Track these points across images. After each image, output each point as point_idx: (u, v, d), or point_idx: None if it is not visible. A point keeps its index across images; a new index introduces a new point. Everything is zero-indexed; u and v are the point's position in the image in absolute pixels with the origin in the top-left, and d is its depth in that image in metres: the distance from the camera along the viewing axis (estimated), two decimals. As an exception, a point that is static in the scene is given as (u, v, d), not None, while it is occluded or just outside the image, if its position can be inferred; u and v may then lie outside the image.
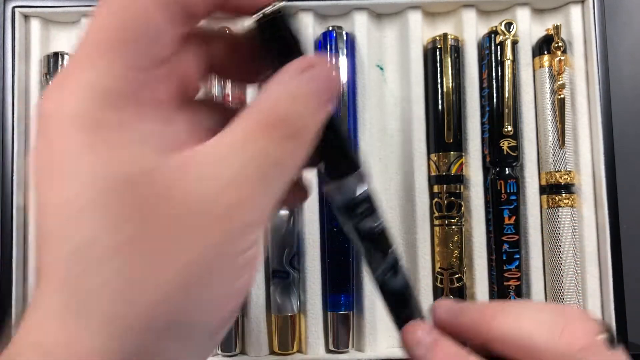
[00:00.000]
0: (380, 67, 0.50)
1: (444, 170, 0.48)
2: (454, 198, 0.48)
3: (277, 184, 0.21)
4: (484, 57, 0.49)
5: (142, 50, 0.19)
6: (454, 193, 0.48)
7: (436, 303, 0.27)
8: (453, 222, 0.48)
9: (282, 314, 0.47)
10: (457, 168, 0.48)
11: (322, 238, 0.47)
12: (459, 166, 0.48)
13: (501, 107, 0.47)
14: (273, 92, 0.22)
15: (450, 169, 0.48)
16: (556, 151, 0.47)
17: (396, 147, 0.50)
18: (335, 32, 0.48)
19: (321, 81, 0.23)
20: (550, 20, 0.50)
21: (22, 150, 0.48)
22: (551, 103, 0.48)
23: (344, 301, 0.47)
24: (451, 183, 0.48)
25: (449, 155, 0.47)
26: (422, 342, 0.26)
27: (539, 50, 0.49)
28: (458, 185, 0.48)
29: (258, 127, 0.21)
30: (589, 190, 0.48)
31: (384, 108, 0.50)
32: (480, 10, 0.50)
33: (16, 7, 0.48)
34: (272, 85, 0.22)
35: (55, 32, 0.51)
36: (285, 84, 0.22)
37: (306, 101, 0.22)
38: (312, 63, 0.22)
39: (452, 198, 0.48)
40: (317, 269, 0.47)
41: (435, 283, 0.48)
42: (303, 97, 0.22)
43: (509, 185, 0.47)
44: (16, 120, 0.47)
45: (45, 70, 0.48)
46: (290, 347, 0.47)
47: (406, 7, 0.49)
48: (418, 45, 0.49)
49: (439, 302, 0.27)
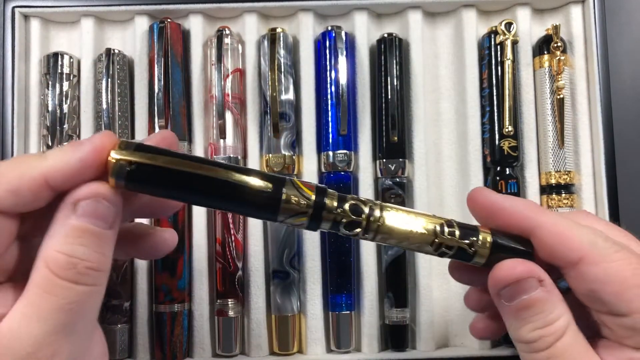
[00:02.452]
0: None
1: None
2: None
3: (84, 322, 0.24)
4: (484, 57, 0.49)
5: None
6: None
7: (475, 190, 0.29)
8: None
9: (282, 314, 0.47)
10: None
11: (322, 238, 0.47)
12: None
13: (501, 107, 0.47)
14: (52, 237, 0.24)
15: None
16: (556, 151, 0.47)
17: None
18: (334, 32, 0.48)
19: (92, 212, 0.24)
20: (550, 20, 0.50)
21: (22, 150, 0.48)
22: (551, 103, 0.48)
23: (344, 301, 0.47)
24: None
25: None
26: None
27: (539, 50, 0.49)
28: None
29: (43, 283, 0.23)
30: (589, 191, 0.48)
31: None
32: (480, 10, 0.50)
33: (16, 7, 0.48)
34: (52, 227, 0.24)
35: (55, 32, 0.51)
36: (60, 225, 0.24)
37: (82, 238, 0.24)
38: (78, 196, 0.24)
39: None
40: (317, 269, 0.47)
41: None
42: (83, 234, 0.24)
43: (509, 185, 0.47)
44: (16, 120, 0.47)
45: (45, 70, 0.48)
46: (290, 347, 0.47)
47: (406, 7, 0.49)
48: (419, 45, 0.49)
49: (479, 189, 0.29)
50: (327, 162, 0.47)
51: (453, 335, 0.48)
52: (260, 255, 0.47)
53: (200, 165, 0.25)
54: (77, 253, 0.24)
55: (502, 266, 0.27)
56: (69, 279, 0.23)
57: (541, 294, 0.26)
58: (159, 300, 0.46)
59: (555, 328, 0.26)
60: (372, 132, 0.49)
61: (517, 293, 0.26)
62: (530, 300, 0.26)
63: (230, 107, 0.47)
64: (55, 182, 0.23)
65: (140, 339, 0.46)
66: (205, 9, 0.49)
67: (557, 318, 0.26)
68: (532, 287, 0.26)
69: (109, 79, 0.47)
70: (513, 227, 0.28)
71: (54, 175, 0.23)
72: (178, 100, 0.47)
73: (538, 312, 0.26)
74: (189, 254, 0.47)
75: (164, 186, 0.25)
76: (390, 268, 0.47)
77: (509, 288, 0.27)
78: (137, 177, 0.24)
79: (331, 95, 0.48)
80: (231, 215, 0.46)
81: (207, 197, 0.26)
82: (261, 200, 0.26)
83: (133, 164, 0.24)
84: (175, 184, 0.25)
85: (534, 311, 0.26)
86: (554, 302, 0.26)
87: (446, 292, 0.49)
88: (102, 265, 0.24)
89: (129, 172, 0.24)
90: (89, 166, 0.24)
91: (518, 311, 0.27)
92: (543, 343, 0.26)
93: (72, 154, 0.24)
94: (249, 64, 0.49)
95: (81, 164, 0.23)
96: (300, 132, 0.48)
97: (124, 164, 0.24)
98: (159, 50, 0.47)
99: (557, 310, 0.26)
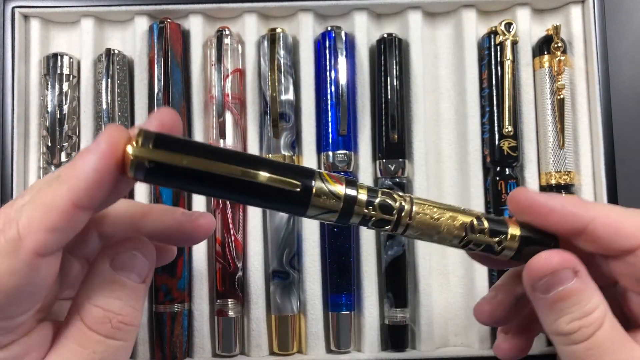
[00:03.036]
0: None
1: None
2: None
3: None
4: (483, 57, 0.49)
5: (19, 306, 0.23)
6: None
7: (517, 192, 0.28)
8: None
9: (282, 315, 0.47)
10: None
11: (322, 238, 0.47)
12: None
13: (501, 107, 0.47)
14: (87, 289, 0.24)
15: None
16: (556, 151, 0.47)
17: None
18: (334, 32, 0.48)
19: (128, 266, 0.24)
20: (550, 20, 0.50)
21: (22, 150, 0.48)
22: (551, 103, 0.48)
23: (344, 301, 0.47)
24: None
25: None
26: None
27: (539, 50, 0.49)
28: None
29: (76, 337, 0.23)
30: (589, 191, 0.48)
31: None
32: (480, 10, 0.50)
33: (16, 7, 0.48)
34: (87, 278, 0.24)
35: (55, 32, 0.51)
36: (96, 276, 0.24)
37: (121, 291, 0.24)
38: (116, 250, 0.24)
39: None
40: (317, 269, 0.47)
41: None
42: (118, 288, 0.24)
43: (509, 185, 0.47)
44: (16, 121, 0.47)
45: (44, 70, 0.48)
46: (290, 347, 0.47)
47: (406, 7, 0.49)
48: (419, 45, 0.49)
49: (520, 190, 0.28)
50: (327, 162, 0.47)
51: (453, 335, 0.48)
52: (260, 256, 0.47)
53: (223, 164, 0.24)
54: (112, 307, 0.24)
55: (539, 258, 0.27)
56: (103, 334, 0.23)
57: (577, 284, 0.26)
58: (159, 300, 0.46)
59: (593, 318, 0.26)
60: (372, 132, 0.49)
61: (554, 284, 0.26)
62: (567, 291, 0.26)
63: (230, 108, 0.47)
64: (82, 202, 0.22)
65: (140, 339, 0.46)
66: (205, 9, 0.49)
67: (594, 308, 0.26)
68: (569, 278, 0.26)
69: (108, 79, 0.47)
70: (564, 226, 0.27)
71: (79, 196, 0.22)
72: (178, 101, 0.47)
73: (575, 302, 0.26)
74: (189, 254, 0.47)
75: (183, 182, 0.24)
76: (390, 268, 0.47)
77: (545, 280, 0.26)
78: (156, 173, 0.23)
79: (331, 96, 0.48)
80: (231, 215, 0.46)
81: (229, 194, 0.25)
82: (291, 199, 0.25)
83: (152, 162, 0.23)
84: (197, 182, 0.24)
85: (571, 302, 0.26)
86: (590, 293, 0.26)
87: (446, 292, 0.49)
88: (134, 320, 0.24)
89: (148, 170, 0.23)
90: (107, 172, 0.22)
91: (555, 303, 0.26)
92: (582, 334, 0.26)
93: (86, 167, 0.22)
94: (248, 64, 0.49)
95: (98, 174, 0.22)
96: (300, 132, 0.48)
97: (142, 162, 0.23)
98: (158, 51, 0.47)
99: (594, 300, 0.26)
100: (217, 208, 0.47)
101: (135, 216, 0.28)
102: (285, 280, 0.47)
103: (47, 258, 0.22)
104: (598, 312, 0.26)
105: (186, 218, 0.28)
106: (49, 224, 0.21)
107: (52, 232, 0.22)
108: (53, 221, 0.22)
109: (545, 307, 0.27)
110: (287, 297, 0.47)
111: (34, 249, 0.21)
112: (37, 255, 0.22)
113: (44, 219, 0.21)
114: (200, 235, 0.29)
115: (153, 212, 0.28)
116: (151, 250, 0.26)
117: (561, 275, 0.26)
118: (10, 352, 0.23)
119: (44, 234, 0.21)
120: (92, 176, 0.22)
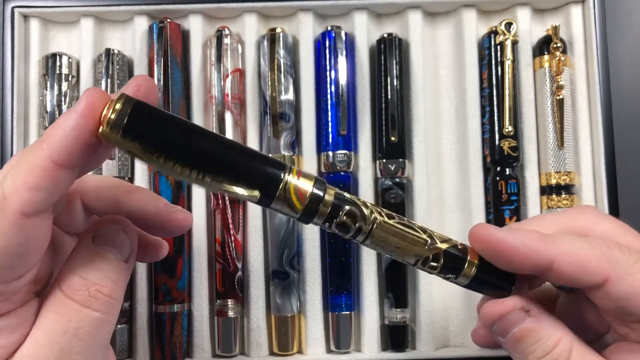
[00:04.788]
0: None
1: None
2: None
3: (94, 351, 0.25)
4: (484, 57, 0.49)
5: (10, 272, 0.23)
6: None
7: (477, 228, 0.27)
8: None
9: (282, 315, 0.47)
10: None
11: (322, 238, 0.47)
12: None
13: (501, 107, 0.47)
14: (68, 261, 0.25)
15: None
16: (556, 152, 0.47)
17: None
18: (334, 32, 0.48)
19: (109, 240, 0.25)
20: (550, 20, 0.50)
21: (21, 150, 0.48)
22: (551, 103, 0.48)
23: (344, 301, 0.47)
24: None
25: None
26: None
27: (539, 50, 0.49)
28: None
29: (54, 305, 0.24)
30: (589, 191, 0.48)
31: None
32: (480, 10, 0.50)
33: (16, 7, 0.48)
34: (71, 254, 0.25)
35: (55, 32, 0.51)
36: (77, 250, 0.25)
37: (102, 263, 0.25)
38: (98, 225, 0.25)
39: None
40: (317, 269, 0.47)
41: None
42: (99, 260, 0.25)
43: (509, 185, 0.47)
44: (16, 120, 0.47)
45: (43, 71, 0.48)
46: (290, 347, 0.47)
47: (406, 7, 0.49)
48: (419, 45, 0.49)
49: (481, 227, 0.27)
50: (327, 163, 0.47)
51: (453, 335, 0.48)
52: (260, 256, 0.47)
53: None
54: (90, 276, 0.24)
55: (485, 307, 0.27)
56: (79, 301, 0.24)
57: (531, 323, 0.26)
58: (159, 300, 0.46)
59: (557, 353, 0.26)
60: (372, 132, 0.49)
61: (508, 327, 0.26)
62: (522, 331, 0.26)
63: (229, 107, 0.47)
64: (62, 160, 0.22)
65: (140, 339, 0.46)
66: (205, 9, 0.49)
67: (556, 342, 0.26)
68: (520, 319, 0.26)
69: (108, 79, 0.47)
70: (527, 265, 0.26)
71: (58, 154, 0.22)
72: (177, 101, 0.47)
73: (535, 340, 0.26)
74: (189, 254, 0.47)
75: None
76: (390, 268, 0.47)
77: (498, 324, 0.27)
78: (130, 131, 0.23)
79: (331, 96, 0.48)
80: (231, 215, 0.46)
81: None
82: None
83: (127, 123, 0.23)
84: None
85: (530, 341, 0.26)
86: (548, 328, 0.26)
87: (446, 292, 0.49)
88: (113, 293, 0.24)
89: (123, 129, 0.23)
90: (85, 130, 0.23)
91: (515, 344, 0.27)
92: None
93: (64, 126, 0.23)
94: (248, 64, 0.49)
95: (76, 132, 0.23)
96: (300, 132, 0.48)
97: (119, 123, 0.23)
98: (158, 51, 0.47)
99: (555, 334, 0.26)
100: (217, 208, 0.47)
101: (119, 193, 0.29)
102: (285, 280, 0.47)
103: (33, 219, 0.22)
104: (562, 346, 0.26)
105: (166, 209, 0.29)
106: (31, 182, 0.22)
107: (35, 191, 0.22)
108: (35, 179, 0.22)
109: (510, 349, 0.27)
110: (287, 297, 0.47)
111: (19, 208, 0.22)
112: (23, 215, 0.22)
113: (26, 177, 0.22)
114: (174, 229, 0.29)
115: (137, 194, 0.29)
116: (133, 230, 0.26)
117: (512, 317, 0.26)
118: (7, 321, 0.23)
119: (27, 193, 0.22)
120: (70, 134, 0.22)
